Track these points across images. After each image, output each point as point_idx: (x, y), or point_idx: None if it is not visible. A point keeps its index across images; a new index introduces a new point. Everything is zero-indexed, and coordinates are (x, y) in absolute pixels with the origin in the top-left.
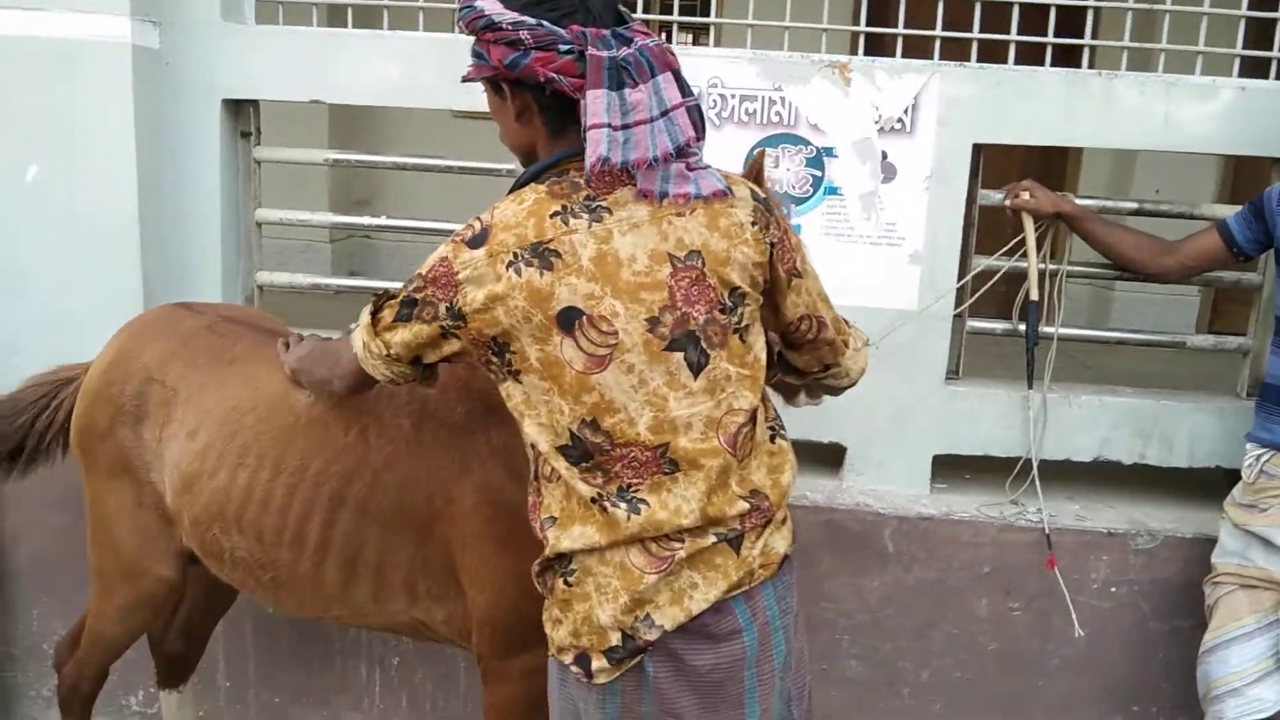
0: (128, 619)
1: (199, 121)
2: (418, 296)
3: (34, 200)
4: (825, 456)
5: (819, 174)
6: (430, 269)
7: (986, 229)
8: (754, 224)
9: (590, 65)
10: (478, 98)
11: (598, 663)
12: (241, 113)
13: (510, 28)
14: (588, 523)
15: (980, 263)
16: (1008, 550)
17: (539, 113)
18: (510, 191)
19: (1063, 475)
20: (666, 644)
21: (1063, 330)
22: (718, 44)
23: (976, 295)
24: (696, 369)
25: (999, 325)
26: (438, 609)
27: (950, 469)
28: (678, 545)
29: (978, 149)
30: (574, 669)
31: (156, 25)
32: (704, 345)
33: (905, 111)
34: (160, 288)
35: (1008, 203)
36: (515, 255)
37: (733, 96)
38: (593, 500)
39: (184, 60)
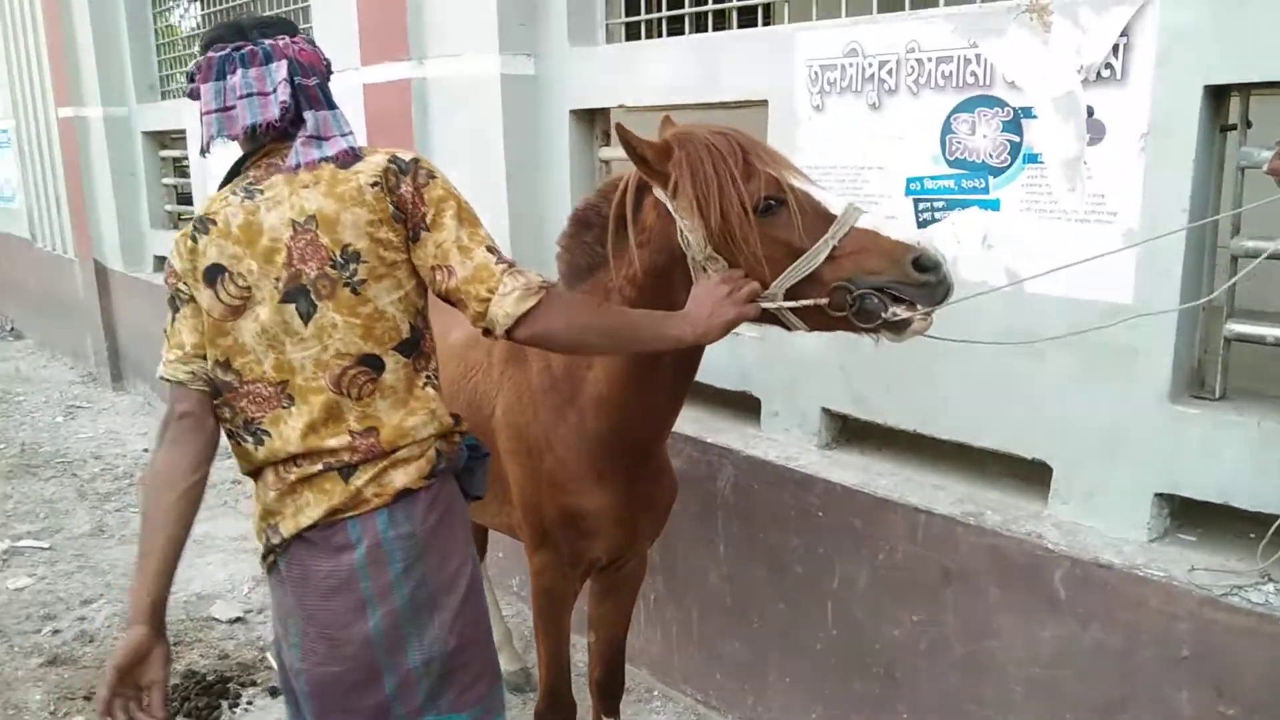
0: None
1: (556, 129)
2: (170, 291)
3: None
4: (1032, 475)
5: (1016, 139)
6: (167, 264)
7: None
8: (375, 185)
9: (202, 67)
10: (732, 90)
11: (259, 555)
12: (595, 120)
13: (192, 69)
14: (237, 455)
15: (1240, 245)
16: (1216, 634)
17: None
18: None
19: None
20: (293, 550)
21: None
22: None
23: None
24: (306, 317)
25: (1271, 331)
26: (512, 512)
27: (1222, 518)
28: (293, 470)
29: (1214, 93)
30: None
31: (530, 56)
32: (313, 297)
33: (1115, 54)
34: (526, 263)
35: (1266, 169)
36: (192, 228)
37: (929, 60)
38: (230, 434)
39: (545, 82)
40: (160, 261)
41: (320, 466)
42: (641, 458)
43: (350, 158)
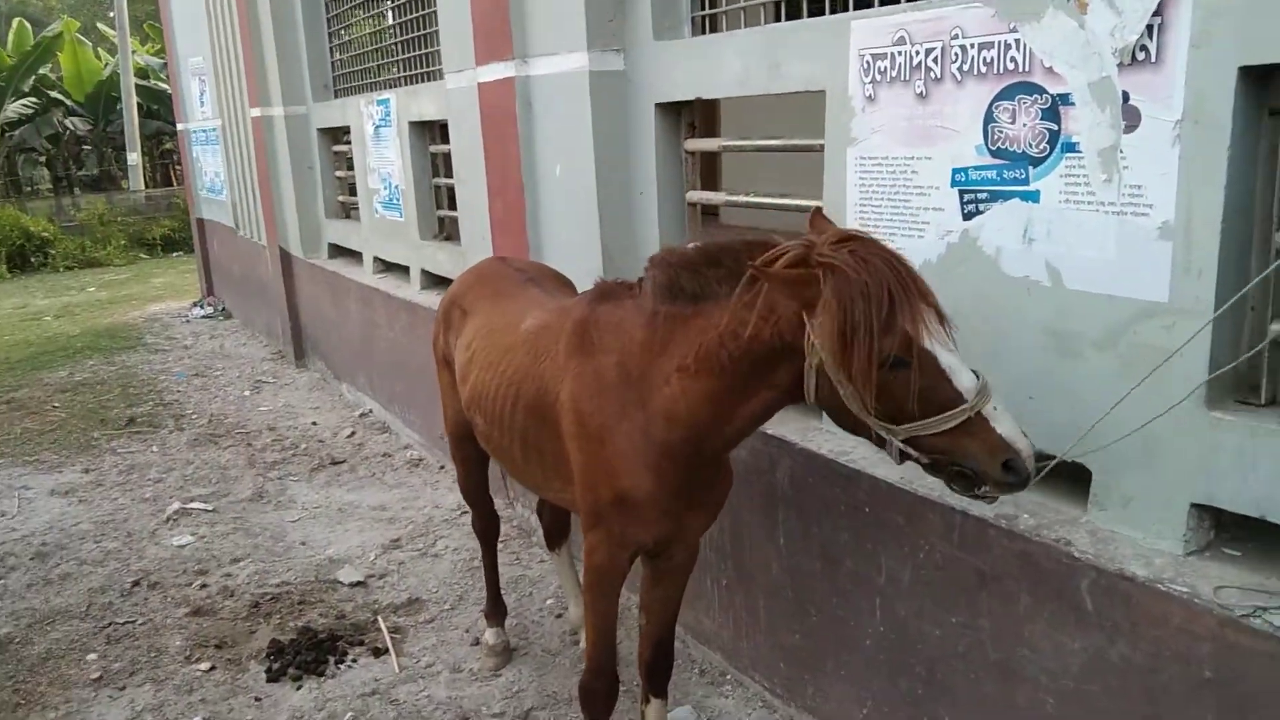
0: (460, 454)
1: (643, 122)
2: None
3: (560, 189)
4: (1081, 478)
5: (1055, 127)
6: None
7: None
8: None
9: None
10: (793, 81)
11: None
12: (681, 113)
13: None
14: None
15: None
16: (1238, 658)
17: None
18: None
19: None
20: None
21: None
22: None
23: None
24: None
25: None
26: (573, 490)
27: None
28: None
29: (1256, 74)
30: None
31: (619, 51)
32: None
33: (1149, 35)
34: (615, 251)
35: None
36: None
37: (971, 46)
38: None
39: (632, 76)
40: (333, 250)
41: None
42: (701, 464)
43: None
